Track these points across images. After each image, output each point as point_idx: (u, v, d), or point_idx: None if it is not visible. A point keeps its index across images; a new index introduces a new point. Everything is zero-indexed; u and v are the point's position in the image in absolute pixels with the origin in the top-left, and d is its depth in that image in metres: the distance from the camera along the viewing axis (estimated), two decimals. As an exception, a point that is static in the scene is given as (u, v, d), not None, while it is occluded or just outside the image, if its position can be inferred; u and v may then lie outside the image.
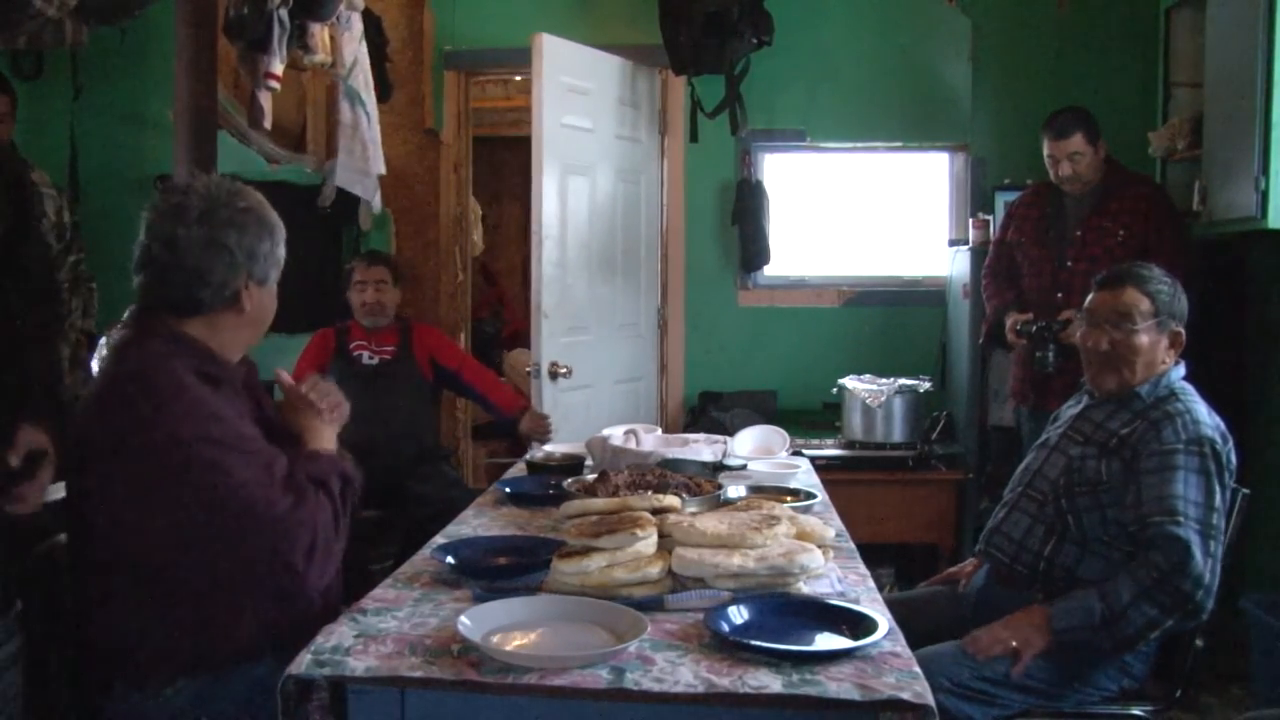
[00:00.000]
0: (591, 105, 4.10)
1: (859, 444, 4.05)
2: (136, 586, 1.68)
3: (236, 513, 1.62)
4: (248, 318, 1.83)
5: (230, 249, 1.76)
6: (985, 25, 4.43)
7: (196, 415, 1.65)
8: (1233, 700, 3.16)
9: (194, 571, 1.67)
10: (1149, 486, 2.02)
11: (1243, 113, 3.08)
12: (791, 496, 2.31)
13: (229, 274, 1.77)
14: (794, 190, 4.71)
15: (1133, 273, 2.22)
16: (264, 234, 1.82)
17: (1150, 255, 3.30)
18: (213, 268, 1.76)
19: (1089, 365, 2.24)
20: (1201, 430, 2.06)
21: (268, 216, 1.85)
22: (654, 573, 1.64)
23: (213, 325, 1.80)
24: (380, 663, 1.38)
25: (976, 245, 4.09)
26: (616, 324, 4.35)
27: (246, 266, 1.79)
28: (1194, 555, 1.92)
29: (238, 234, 1.78)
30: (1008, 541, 2.24)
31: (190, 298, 1.77)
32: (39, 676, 1.74)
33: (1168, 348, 2.18)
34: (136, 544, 1.66)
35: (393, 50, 4.48)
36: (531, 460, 2.82)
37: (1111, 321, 2.17)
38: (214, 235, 1.75)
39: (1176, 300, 2.19)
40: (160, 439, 1.62)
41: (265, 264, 1.82)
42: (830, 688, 1.31)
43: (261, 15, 3.36)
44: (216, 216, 1.77)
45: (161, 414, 1.63)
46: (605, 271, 4.25)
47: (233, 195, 1.82)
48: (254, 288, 1.82)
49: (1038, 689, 2.03)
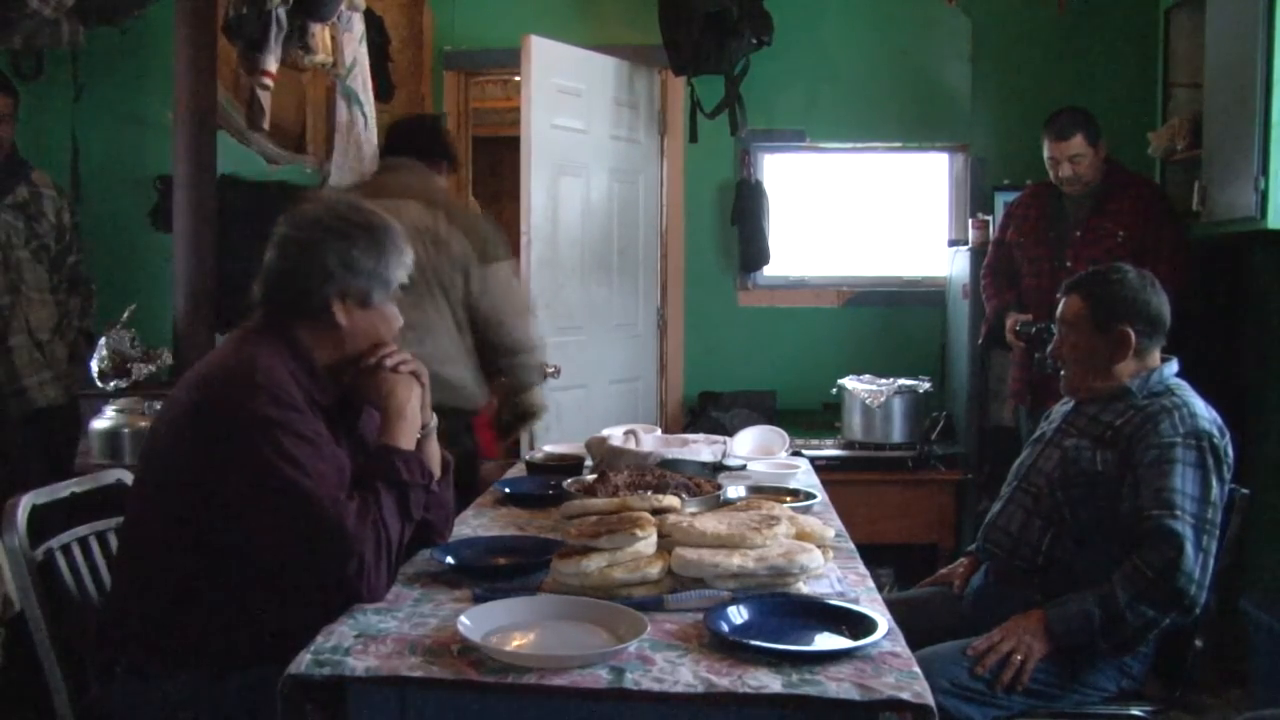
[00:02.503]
0: (584, 106, 4.11)
1: (859, 444, 4.05)
2: (169, 573, 1.68)
3: (299, 504, 1.60)
4: (345, 334, 1.77)
5: (324, 255, 1.74)
6: (985, 25, 4.43)
7: (280, 402, 1.64)
8: (1233, 700, 3.16)
9: (238, 564, 1.65)
10: (1146, 480, 2.02)
11: (1242, 113, 3.08)
12: (791, 497, 2.31)
13: (319, 280, 1.74)
14: (794, 190, 4.71)
15: (1083, 278, 2.28)
16: (372, 250, 1.77)
17: (1149, 256, 3.31)
18: (305, 271, 1.74)
19: (1058, 369, 2.35)
20: (1199, 424, 2.06)
21: (384, 238, 1.80)
22: (654, 573, 1.64)
23: (315, 337, 1.77)
24: (380, 663, 1.38)
25: (976, 245, 4.09)
26: (612, 324, 4.35)
27: (341, 278, 1.74)
28: (1186, 551, 1.94)
29: (340, 243, 1.75)
30: (1005, 536, 2.25)
31: (280, 298, 1.76)
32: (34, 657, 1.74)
33: (1115, 349, 2.17)
34: (190, 525, 1.65)
35: (393, 50, 4.48)
36: (531, 460, 2.82)
37: (1061, 327, 2.27)
38: (313, 239, 1.75)
39: (1126, 299, 2.17)
40: (243, 417, 1.62)
41: (367, 281, 1.77)
42: (830, 688, 1.31)
43: (260, 15, 3.36)
44: (322, 223, 1.76)
45: (247, 392, 1.63)
46: (600, 272, 4.26)
47: (350, 209, 1.81)
48: (351, 305, 1.76)
49: (1038, 689, 2.03)
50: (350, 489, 1.67)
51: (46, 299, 3.51)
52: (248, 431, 1.61)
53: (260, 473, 1.60)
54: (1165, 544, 1.95)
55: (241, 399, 1.63)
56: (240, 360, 1.69)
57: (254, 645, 1.67)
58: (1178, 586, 1.93)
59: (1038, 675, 2.01)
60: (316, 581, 1.64)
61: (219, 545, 1.65)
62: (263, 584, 1.67)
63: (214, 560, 1.67)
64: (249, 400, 1.62)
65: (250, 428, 1.61)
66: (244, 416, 1.62)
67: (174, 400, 1.73)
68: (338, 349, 1.79)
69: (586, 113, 4.14)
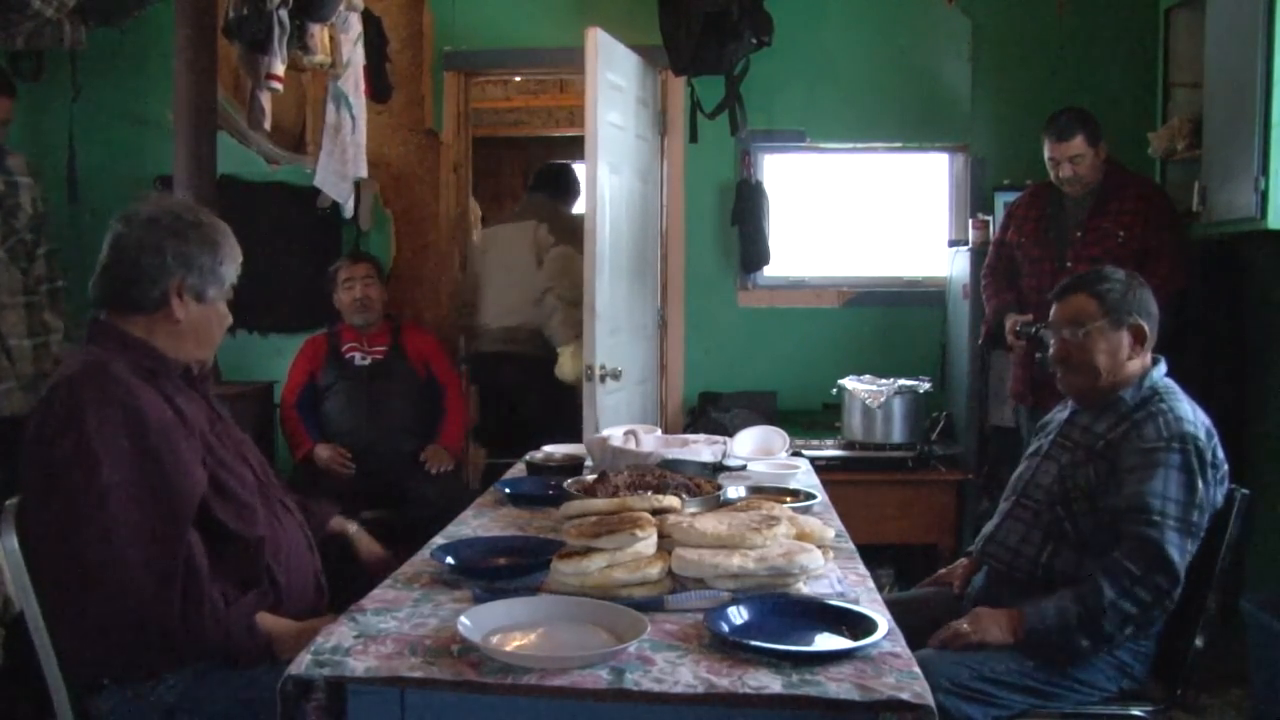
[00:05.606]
0: (623, 103, 4.06)
1: (859, 444, 4.05)
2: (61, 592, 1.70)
3: (93, 559, 1.64)
4: (183, 329, 1.85)
5: (163, 252, 1.81)
6: (985, 25, 4.44)
7: (113, 433, 1.68)
8: (1232, 700, 3.16)
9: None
10: (1129, 484, 2.04)
11: (1243, 113, 3.08)
12: (791, 497, 2.31)
13: (158, 275, 1.81)
14: (794, 191, 4.71)
15: (1081, 279, 2.27)
16: (205, 249, 1.86)
17: (1149, 256, 3.31)
18: (145, 267, 1.81)
19: (1057, 373, 2.30)
20: (1183, 427, 2.07)
21: (216, 237, 1.89)
22: (654, 573, 1.64)
23: (151, 329, 1.84)
24: (380, 663, 1.38)
25: (976, 246, 4.09)
26: (637, 324, 4.31)
27: (179, 273, 1.83)
28: (1168, 554, 1.96)
29: (176, 241, 1.83)
30: (1003, 549, 2.25)
31: (124, 296, 1.82)
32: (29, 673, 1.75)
33: (1131, 343, 2.19)
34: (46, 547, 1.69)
35: (393, 50, 4.48)
36: (531, 461, 2.82)
37: (1066, 328, 2.23)
38: (151, 238, 1.82)
39: (1130, 296, 2.20)
40: (69, 445, 1.66)
41: (203, 278, 1.86)
42: (830, 688, 1.31)
43: (261, 16, 3.35)
44: (158, 222, 1.83)
45: (79, 421, 1.67)
46: (630, 271, 4.19)
47: (185, 210, 1.90)
48: (189, 300, 1.85)
49: (1038, 689, 2.03)
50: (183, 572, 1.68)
51: (18, 301, 3.33)
52: (70, 463, 1.65)
53: (69, 514, 1.65)
54: (1141, 551, 1.97)
55: (69, 427, 1.67)
56: (72, 380, 1.72)
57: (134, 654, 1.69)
58: (1163, 587, 1.96)
59: (1039, 675, 2.02)
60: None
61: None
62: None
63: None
64: (79, 429, 1.67)
65: (75, 459, 1.65)
66: (70, 447, 1.66)
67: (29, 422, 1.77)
68: (171, 339, 1.85)
69: (625, 110, 4.07)
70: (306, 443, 3.81)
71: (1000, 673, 2.00)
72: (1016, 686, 2.01)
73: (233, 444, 1.92)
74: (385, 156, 4.59)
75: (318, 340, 3.99)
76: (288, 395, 3.92)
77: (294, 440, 3.85)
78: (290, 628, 1.78)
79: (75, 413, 1.67)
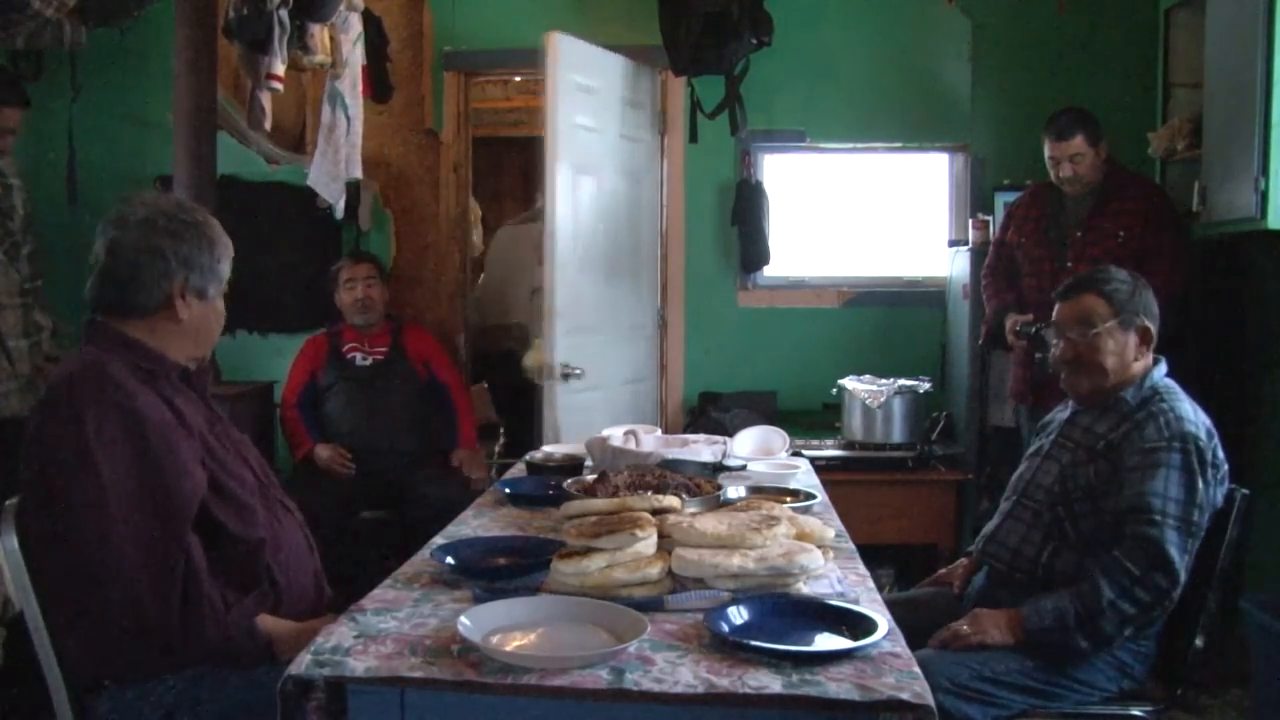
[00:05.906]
0: (598, 104, 4.08)
1: (859, 444, 4.05)
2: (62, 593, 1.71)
3: (92, 556, 1.64)
4: (185, 328, 1.86)
5: (164, 254, 1.81)
6: (985, 25, 4.43)
7: (112, 434, 1.68)
8: (1232, 700, 3.17)
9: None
10: (1130, 484, 2.04)
11: (1243, 113, 3.08)
12: (791, 497, 2.31)
13: (161, 278, 1.81)
14: (794, 191, 4.71)
15: (1087, 279, 2.26)
16: (203, 246, 1.86)
17: (1149, 256, 3.31)
18: (146, 271, 1.80)
19: (1062, 374, 2.28)
20: (1184, 427, 2.07)
21: (211, 233, 1.89)
22: (654, 573, 1.64)
23: (152, 331, 1.84)
24: (380, 663, 1.38)
25: (976, 246, 4.09)
26: (624, 325, 4.32)
27: (182, 274, 1.82)
28: (1169, 554, 1.96)
29: (174, 241, 1.82)
30: (1004, 550, 2.25)
31: (124, 300, 1.82)
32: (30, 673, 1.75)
33: (1138, 344, 2.19)
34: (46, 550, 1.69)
35: (393, 50, 4.48)
36: (531, 461, 2.82)
37: (1073, 329, 2.21)
38: (149, 240, 1.81)
39: (1136, 297, 2.20)
40: (68, 447, 1.66)
41: (204, 276, 1.86)
42: (830, 688, 1.31)
43: (261, 16, 3.35)
44: (155, 224, 1.82)
45: (78, 422, 1.67)
46: (612, 272, 4.22)
47: (178, 208, 1.88)
48: (191, 299, 1.85)
49: (1038, 689, 2.03)
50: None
51: (15, 302, 3.32)
52: (68, 461, 1.66)
53: (65, 512, 1.65)
54: (1142, 550, 1.97)
55: (69, 425, 1.67)
56: (71, 379, 1.73)
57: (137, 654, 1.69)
58: (1163, 587, 1.96)
59: (1039, 675, 2.02)
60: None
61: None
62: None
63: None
64: (78, 427, 1.67)
65: (73, 457, 1.66)
66: (69, 444, 1.66)
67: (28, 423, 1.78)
68: (173, 339, 1.85)
69: (599, 111, 4.10)
70: (307, 443, 3.81)
71: (1000, 673, 2.00)
72: (1016, 686, 2.02)
73: (232, 445, 1.91)
74: (385, 156, 4.60)
75: (318, 340, 4.00)
76: (288, 395, 3.92)
77: (294, 440, 3.86)
78: (290, 628, 1.78)
79: (74, 414, 1.67)
